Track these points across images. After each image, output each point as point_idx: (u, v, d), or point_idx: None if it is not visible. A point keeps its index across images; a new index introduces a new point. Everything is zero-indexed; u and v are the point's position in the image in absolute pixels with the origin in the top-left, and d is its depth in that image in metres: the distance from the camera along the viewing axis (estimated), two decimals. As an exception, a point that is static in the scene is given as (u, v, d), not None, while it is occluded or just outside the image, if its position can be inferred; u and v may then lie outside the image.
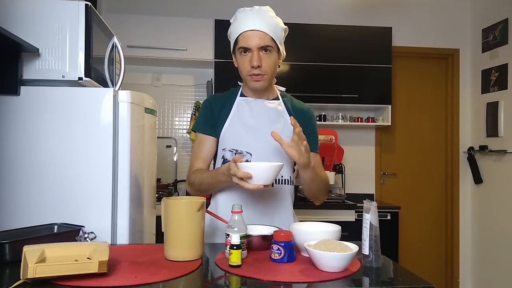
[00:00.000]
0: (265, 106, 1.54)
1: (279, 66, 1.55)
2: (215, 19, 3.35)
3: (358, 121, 3.70)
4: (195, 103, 3.57)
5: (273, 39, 1.45)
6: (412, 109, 3.97)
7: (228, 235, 1.12)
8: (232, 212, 1.17)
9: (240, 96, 1.56)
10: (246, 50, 1.45)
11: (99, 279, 0.94)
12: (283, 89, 1.63)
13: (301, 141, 1.27)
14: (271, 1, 2.05)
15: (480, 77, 3.77)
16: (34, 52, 1.43)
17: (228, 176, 1.27)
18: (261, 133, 1.50)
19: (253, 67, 1.43)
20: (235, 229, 1.13)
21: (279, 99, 1.58)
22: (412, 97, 3.97)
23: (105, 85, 1.68)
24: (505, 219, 3.43)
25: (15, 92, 1.44)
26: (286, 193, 1.54)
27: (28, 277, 0.89)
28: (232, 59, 1.55)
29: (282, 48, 1.51)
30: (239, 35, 1.45)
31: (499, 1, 3.56)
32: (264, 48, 1.44)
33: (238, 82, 1.61)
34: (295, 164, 1.59)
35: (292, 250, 1.12)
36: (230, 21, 1.52)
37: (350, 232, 1.84)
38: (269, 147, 1.48)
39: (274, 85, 1.60)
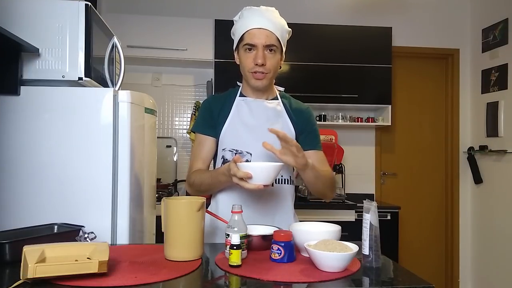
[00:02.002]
0: (264, 106, 1.54)
1: (280, 67, 1.55)
2: (215, 19, 3.35)
3: (358, 121, 3.70)
4: (195, 103, 3.57)
5: (278, 39, 1.46)
6: (412, 109, 3.97)
7: (228, 235, 1.12)
8: (232, 212, 1.17)
9: (239, 96, 1.56)
10: (251, 47, 1.45)
11: (99, 279, 0.94)
12: (282, 89, 1.64)
13: (290, 144, 1.25)
14: (272, 1, 2.05)
15: (480, 77, 3.77)
16: (34, 52, 1.43)
17: (228, 176, 1.27)
18: (260, 133, 1.50)
19: (257, 64, 1.44)
20: (235, 229, 1.13)
21: (278, 99, 1.58)
22: (412, 97, 3.97)
23: (105, 85, 1.68)
24: (505, 219, 3.43)
25: (15, 92, 1.44)
26: (286, 192, 1.54)
27: (28, 277, 0.89)
28: (234, 57, 1.55)
29: (284, 50, 1.52)
30: (245, 32, 1.46)
31: (499, 1, 3.56)
32: (269, 47, 1.45)
33: (237, 82, 1.61)
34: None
35: (292, 250, 1.12)
36: (235, 19, 1.53)
37: (350, 232, 1.84)
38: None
39: (274, 85, 1.61)
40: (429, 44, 3.90)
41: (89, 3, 1.49)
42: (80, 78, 1.46)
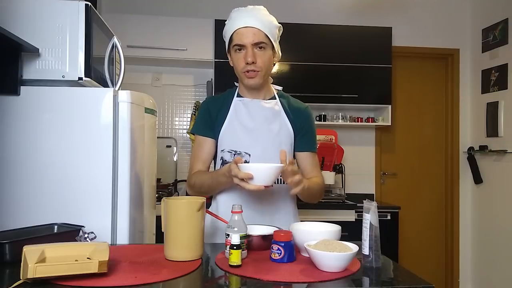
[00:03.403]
0: (261, 106, 1.54)
1: (274, 64, 1.55)
2: (215, 19, 3.35)
3: (358, 121, 3.70)
4: (195, 103, 3.57)
5: (267, 36, 1.46)
6: (412, 109, 3.97)
7: (228, 235, 1.12)
8: (232, 212, 1.17)
9: (236, 96, 1.56)
10: (240, 47, 1.46)
11: (99, 279, 0.94)
12: (279, 88, 1.64)
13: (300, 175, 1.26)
14: (272, 1, 2.05)
15: (480, 77, 3.77)
16: (34, 52, 1.43)
17: (229, 177, 1.28)
18: (258, 134, 1.50)
19: (247, 63, 1.44)
20: (235, 229, 1.13)
21: (276, 99, 1.58)
22: (412, 97, 3.97)
23: (105, 85, 1.68)
24: (505, 219, 3.43)
25: (15, 92, 1.44)
26: (287, 192, 1.54)
27: (28, 277, 0.89)
28: (228, 59, 1.55)
29: (277, 47, 1.52)
30: (233, 32, 1.46)
31: (499, 1, 3.56)
32: (258, 45, 1.45)
33: (235, 82, 1.61)
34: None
35: (292, 250, 1.12)
36: (226, 22, 1.53)
37: (350, 232, 1.84)
38: (267, 147, 1.49)
39: (271, 85, 1.61)
40: (429, 44, 3.90)
41: (89, 3, 1.49)
42: (80, 78, 1.46)
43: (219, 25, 3.28)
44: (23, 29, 1.43)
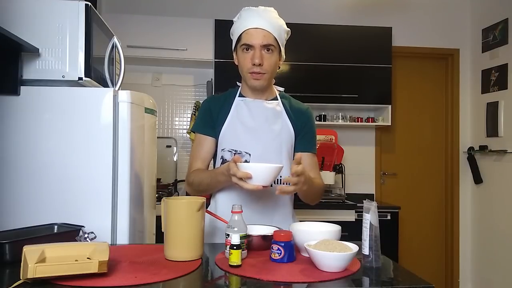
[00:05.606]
0: (263, 106, 1.54)
1: (279, 67, 1.55)
2: (215, 19, 3.35)
3: (358, 121, 3.70)
4: (195, 103, 3.57)
5: (276, 39, 1.46)
6: (412, 109, 3.97)
7: (228, 235, 1.12)
8: (232, 212, 1.18)
9: (238, 96, 1.57)
10: (248, 47, 1.45)
11: (99, 279, 0.94)
12: (282, 89, 1.64)
13: (299, 178, 1.26)
14: (272, 1, 2.05)
15: (480, 77, 3.77)
16: (34, 52, 1.43)
17: (227, 176, 1.28)
18: (259, 134, 1.50)
19: (254, 64, 1.44)
20: (235, 229, 1.13)
21: (277, 100, 1.58)
22: (412, 97, 3.97)
23: (105, 85, 1.68)
24: (505, 219, 3.43)
25: (15, 92, 1.44)
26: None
27: (28, 277, 0.89)
28: (233, 57, 1.56)
29: (283, 50, 1.52)
30: (243, 32, 1.46)
31: (499, 1, 3.56)
32: (267, 47, 1.45)
33: (237, 82, 1.61)
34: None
35: (292, 250, 1.12)
36: (234, 19, 1.53)
37: (350, 232, 1.84)
38: (267, 148, 1.49)
39: (273, 86, 1.61)
40: (429, 44, 3.90)
41: (89, 3, 1.49)
42: (80, 78, 1.46)
43: (219, 25, 3.30)
44: (23, 29, 1.43)
